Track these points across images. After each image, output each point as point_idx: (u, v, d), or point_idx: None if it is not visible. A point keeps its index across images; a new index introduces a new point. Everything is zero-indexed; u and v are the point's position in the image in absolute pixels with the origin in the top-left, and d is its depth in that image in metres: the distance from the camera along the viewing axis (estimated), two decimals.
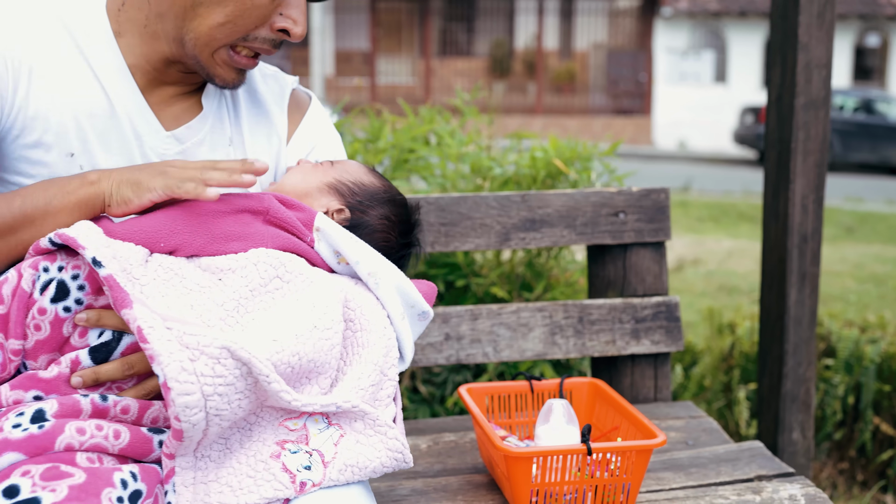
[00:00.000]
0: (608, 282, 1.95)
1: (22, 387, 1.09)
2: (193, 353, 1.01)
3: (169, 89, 1.33)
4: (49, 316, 1.11)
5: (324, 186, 1.32)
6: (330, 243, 1.24)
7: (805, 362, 2.14)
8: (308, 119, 1.47)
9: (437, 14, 22.15)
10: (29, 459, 1.01)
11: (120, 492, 1.00)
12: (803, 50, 2.04)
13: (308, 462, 1.08)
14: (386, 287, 1.24)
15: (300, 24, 1.25)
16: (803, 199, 2.09)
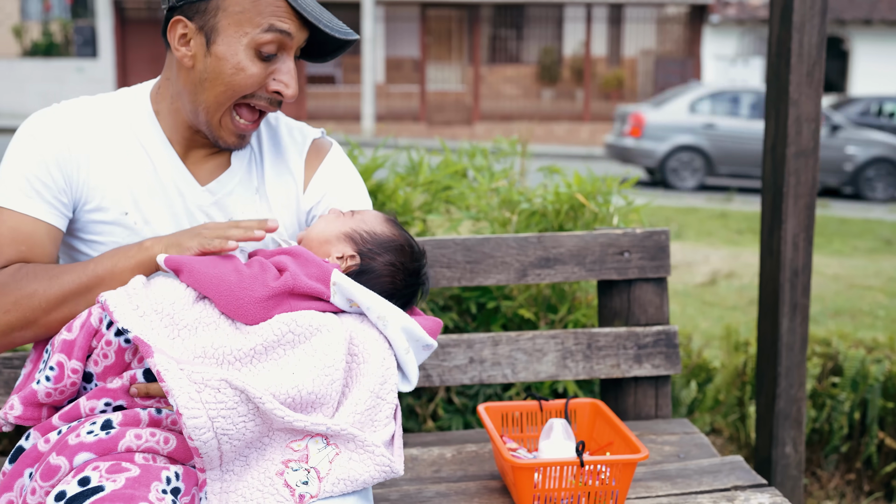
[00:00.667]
0: (615, 312, 2.21)
1: (95, 397, 1.39)
2: (199, 386, 1.28)
3: (201, 151, 1.62)
4: (114, 346, 1.40)
5: (341, 235, 1.56)
6: (344, 294, 1.48)
7: (796, 384, 2.38)
8: (324, 167, 1.70)
9: (486, 22, 22.41)
10: (98, 458, 1.30)
11: (164, 486, 1.29)
12: (794, 105, 2.28)
13: (306, 478, 1.33)
14: (393, 328, 1.49)
15: (291, 86, 1.52)
16: (794, 238, 2.33)
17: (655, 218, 9.18)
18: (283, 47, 1.50)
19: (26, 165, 1.51)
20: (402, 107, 21.64)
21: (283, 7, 1.47)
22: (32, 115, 1.58)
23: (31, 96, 21.12)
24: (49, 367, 1.38)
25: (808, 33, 2.26)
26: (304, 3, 1.48)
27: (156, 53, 21.45)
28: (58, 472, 1.27)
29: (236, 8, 1.46)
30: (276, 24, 1.46)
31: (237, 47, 1.47)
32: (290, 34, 1.48)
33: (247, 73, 1.48)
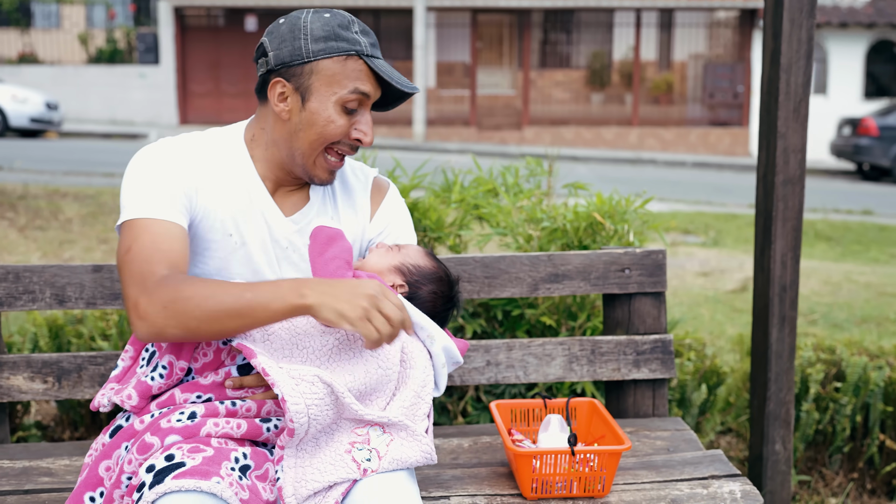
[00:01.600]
0: (617, 322, 2.50)
1: (188, 390, 1.74)
2: (296, 381, 1.62)
3: (286, 188, 1.94)
4: (213, 347, 1.76)
5: (392, 267, 1.91)
6: None
7: (785, 388, 2.65)
8: (386, 202, 2.05)
9: (536, 26, 22.64)
10: (183, 440, 1.64)
11: (233, 464, 1.62)
12: (782, 138, 2.55)
13: (369, 456, 1.67)
14: (437, 345, 1.85)
15: (369, 135, 1.85)
16: (783, 257, 2.59)
17: (694, 224, 9.36)
18: (362, 103, 1.83)
19: (158, 181, 1.77)
20: (453, 111, 21.98)
21: (365, 72, 1.81)
22: (144, 148, 1.85)
23: (95, 101, 21.88)
24: (161, 366, 1.72)
25: (795, 74, 2.52)
26: (382, 68, 1.81)
27: (214, 60, 22.07)
28: (151, 449, 1.62)
29: (328, 72, 1.79)
30: (359, 87, 1.80)
31: (327, 104, 1.80)
32: (368, 94, 1.82)
33: (336, 125, 1.81)
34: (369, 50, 1.82)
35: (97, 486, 1.69)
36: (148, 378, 1.73)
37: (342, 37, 1.79)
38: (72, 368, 2.28)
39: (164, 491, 1.51)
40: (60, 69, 21.97)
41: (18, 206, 8.44)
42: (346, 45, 1.79)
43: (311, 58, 1.78)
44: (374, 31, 1.88)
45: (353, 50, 1.79)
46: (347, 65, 1.79)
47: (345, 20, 1.82)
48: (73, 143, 17.67)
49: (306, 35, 1.79)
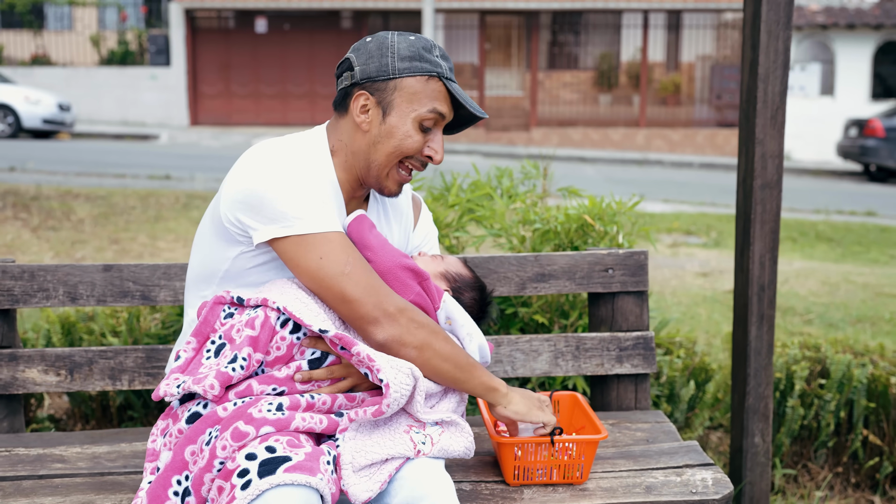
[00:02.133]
0: (601, 320, 2.62)
1: (265, 382, 1.85)
2: (396, 370, 1.81)
3: (356, 200, 2.09)
4: (287, 341, 1.88)
5: (438, 274, 2.12)
6: (447, 313, 2.02)
7: (764, 383, 2.76)
8: (423, 214, 2.26)
9: (544, 28, 22.75)
10: (276, 432, 1.75)
11: (328, 457, 1.76)
12: (759, 144, 2.66)
13: (424, 439, 1.85)
14: (474, 344, 2.03)
15: (440, 153, 1.99)
16: (761, 258, 2.71)
17: (697, 226, 9.47)
18: (437, 123, 1.97)
19: (313, 191, 1.88)
20: None
21: (443, 93, 1.95)
22: (256, 152, 1.92)
23: (107, 102, 22.09)
24: (242, 358, 1.83)
25: (772, 83, 2.64)
26: (459, 92, 1.95)
27: (225, 62, 22.26)
28: (246, 437, 1.72)
29: (410, 90, 1.93)
30: (437, 107, 1.94)
31: (406, 119, 1.93)
32: (444, 115, 1.96)
33: (412, 140, 1.95)
34: (448, 74, 1.96)
35: (183, 469, 1.76)
36: (228, 369, 1.82)
37: (426, 58, 1.93)
38: (83, 362, 2.41)
39: (278, 483, 1.63)
40: (73, 71, 22.19)
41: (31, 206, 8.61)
42: (429, 66, 1.93)
43: (397, 75, 1.92)
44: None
45: (435, 72, 1.93)
46: (429, 85, 1.94)
47: (428, 44, 1.96)
48: (85, 143, 17.87)
49: (393, 53, 1.93)
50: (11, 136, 17.93)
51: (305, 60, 21.94)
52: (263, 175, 1.86)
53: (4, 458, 2.23)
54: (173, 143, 18.80)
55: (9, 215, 8.16)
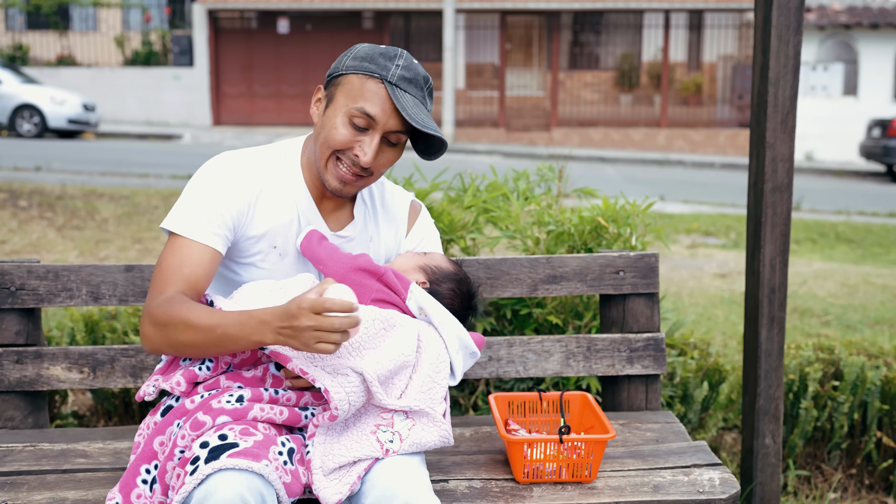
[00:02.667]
0: (612, 321, 2.66)
1: (232, 379, 1.93)
2: (333, 374, 1.82)
3: (330, 202, 2.13)
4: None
5: (416, 267, 2.14)
6: (417, 302, 2.04)
7: (774, 385, 2.79)
8: (420, 220, 2.29)
9: (565, 28, 22.73)
10: (232, 421, 1.81)
11: (281, 448, 1.81)
12: (770, 148, 2.69)
13: (392, 438, 1.87)
14: (447, 331, 2.04)
15: (366, 155, 1.97)
16: (772, 261, 2.74)
17: (716, 226, 9.45)
18: (371, 125, 1.97)
19: (203, 201, 1.98)
20: (482, 112, 22.14)
21: (381, 96, 1.95)
22: (213, 160, 2.05)
23: (131, 103, 22.30)
24: (209, 360, 1.93)
25: (783, 88, 2.67)
26: (400, 98, 1.94)
27: (247, 62, 22.40)
28: (203, 427, 1.79)
29: (348, 86, 1.98)
30: (365, 107, 1.95)
31: (339, 112, 1.98)
32: (373, 117, 1.95)
33: (338, 132, 1.98)
34: (395, 79, 1.96)
35: (152, 459, 1.86)
36: (195, 368, 1.93)
37: (377, 61, 1.97)
38: (105, 360, 2.48)
39: (220, 467, 1.68)
40: (98, 71, 22.42)
41: (56, 206, 8.74)
42: (374, 67, 1.96)
43: (343, 71, 1.99)
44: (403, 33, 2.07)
45: (378, 74, 1.96)
46: (367, 84, 1.96)
47: (391, 53, 1.99)
48: (109, 143, 18.06)
49: (351, 53, 2.01)
50: (37, 136, 18.14)
51: (327, 61, 22.02)
52: (195, 175, 2.05)
53: (29, 453, 2.29)
54: (196, 143, 18.96)
55: (34, 214, 8.29)
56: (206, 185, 2.01)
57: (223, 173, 2.03)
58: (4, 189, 9.26)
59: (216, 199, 1.99)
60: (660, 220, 9.31)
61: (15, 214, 8.18)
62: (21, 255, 6.80)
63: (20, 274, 2.45)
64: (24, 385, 2.45)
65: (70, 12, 23.98)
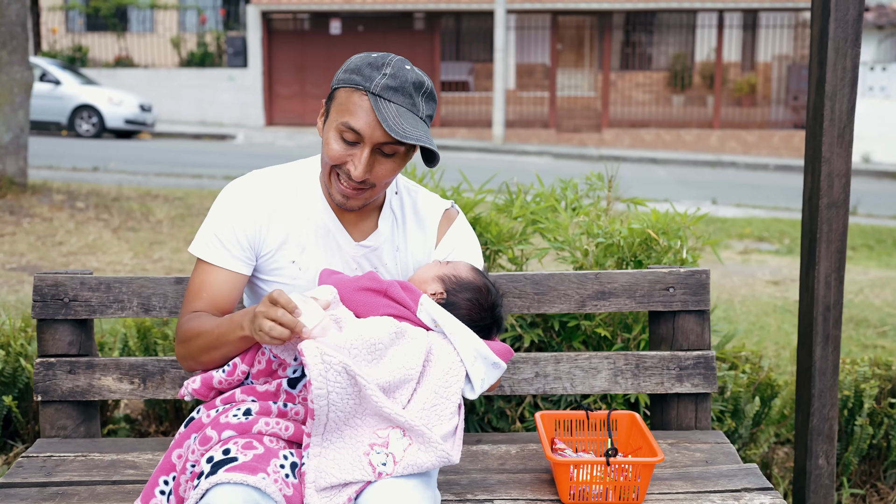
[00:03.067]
0: (661, 338, 2.62)
1: (246, 393, 1.94)
2: (327, 367, 1.79)
3: (352, 213, 2.12)
4: (266, 357, 1.95)
5: (435, 277, 2.09)
6: (428, 313, 2.00)
7: (829, 404, 2.73)
8: (452, 230, 2.22)
9: (617, 28, 22.54)
10: (237, 435, 1.83)
11: (283, 461, 1.81)
12: (826, 163, 2.63)
13: (385, 460, 1.82)
14: (461, 342, 1.97)
15: (357, 168, 1.93)
16: (826, 277, 2.68)
17: (770, 231, 9.30)
18: (358, 139, 1.94)
19: (218, 227, 2.06)
20: (532, 113, 22.05)
21: (366, 109, 1.92)
22: (232, 183, 2.11)
23: (186, 103, 22.62)
24: (227, 365, 1.96)
25: (840, 101, 2.60)
26: (382, 108, 1.90)
27: (299, 63, 22.60)
28: (210, 441, 1.83)
29: (338, 101, 1.96)
30: (349, 122, 1.93)
31: (331, 128, 1.97)
32: (356, 130, 1.92)
33: (331, 148, 1.97)
34: (379, 90, 1.91)
35: (170, 471, 1.91)
36: (213, 371, 1.97)
37: (363, 73, 1.93)
38: (155, 371, 2.51)
39: (217, 481, 1.71)
40: (154, 72, 22.78)
41: (112, 207, 8.90)
42: (358, 79, 1.93)
43: (335, 85, 1.99)
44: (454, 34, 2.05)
45: (361, 85, 1.92)
46: (352, 97, 1.93)
47: (380, 62, 1.95)
48: (164, 143, 18.35)
49: (343, 66, 2.00)
50: (95, 136, 18.49)
51: None
52: (217, 198, 2.11)
53: (80, 463, 2.33)
54: (249, 143, 19.17)
55: (91, 216, 8.45)
56: (222, 210, 2.07)
57: (236, 197, 2.08)
58: (63, 190, 9.46)
59: (231, 224, 2.06)
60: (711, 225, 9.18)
61: (72, 216, 8.35)
62: (77, 256, 6.93)
63: (73, 285, 2.49)
64: (77, 395, 2.49)
65: (128, 14, 24.41)
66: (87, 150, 15.56)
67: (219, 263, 2.05)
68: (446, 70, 22.29)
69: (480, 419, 3.34)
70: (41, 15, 24.11)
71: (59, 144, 16.37)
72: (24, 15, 8.43)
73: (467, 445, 2.47)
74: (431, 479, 1.94)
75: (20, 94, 8.51)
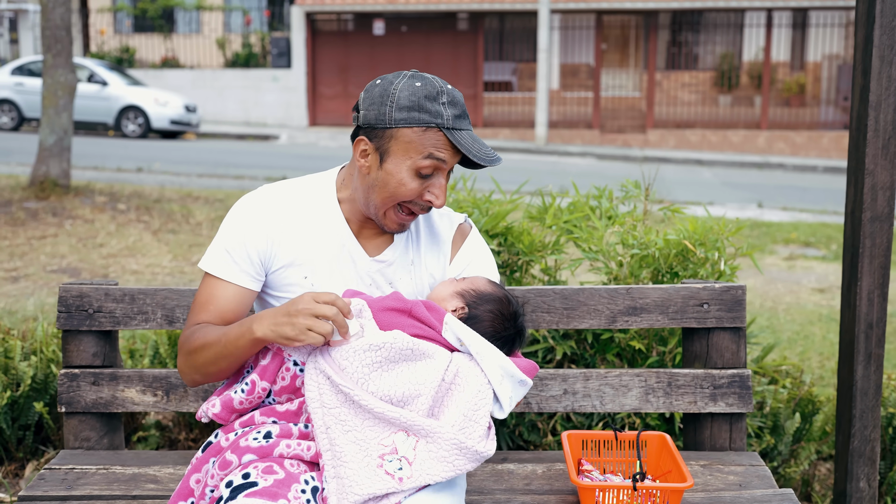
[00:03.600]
0: (695, 355, 2.54)
1: (266, 414, 1.90)
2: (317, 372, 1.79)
3: (370, 231, 2.09)
4: (291, 373, 1.91)
5: (454, 293, 2.04)
6: (453, 332, 1.95)
7: (870, 426, 2.62)
8: (467, 245, 2.18)
9: (663, 28, 22.29)
10: (258, 459, 1.79)
11: (304, 486, 1.77)
12: (870, 175, 2.53)
13: (400, 465, 1.79)
14: (487, 362, 1.92)
15: (440, 198, 1.96)
16: (869, 294, 2.57)
17: (817, 236, 9.09)
18: (438, 169, 1.95)
19: (229, 242, 2.02)
20: (576, 113, 21.89)
21: (443, 142, 1.91)
22: (244, 198, 2.08)
23: (231, 103, 22.82)
24: (245, 383, 1.91)
25: (884, 111, 2.50)
26: (463, 140, 1.91)
27: (343, 64, 22.68)
28: (230, 466, 1.79)
29: (405, 140, 1.92)
30: (434, 154, 1.91)
31: (402, 167, 1.93)
32: (444, 161, 1.93)
33: (407, 188, 1.94)
34: (451, 123, 1.91)
35: (188, 496, 1.88)
36: (232, 391, 1.91)
37: (425, 108, 1.90)
38: (178, 384, 2.49)
39: None
40: (199, 73, 23.01)
41: (154, 209, 8.97)
42: (427, 117, 1.90)
43: (393, 125, 1.91)
44: (498, 34, 1.99)
45: (434, 123, 1.90)
46: (426, 136, 1.91)
47: (433, 91, 1.92)
48: (209, 143, 18.51)
49: (392, 103, 1.92)
50: (141, 137, 18.73)
51: (421, 62, 22.12)
52: (229, 213, 2.08)
53: (102, 476, 2.32)
54: (292, 144, 19.27)
55: (132, 218, 8.53)
56: (233, 225, 2.04)
57: (248, 211, 2.05)
58: (106, 192, 9.57)
59: (241, 238, 2.02)
60: (756, 230, 9.00)
61: (114, 217, 8.44)
62: (117, 258, 6.99)
63: (98, 296, 2.48)
64: (100, 407, 2.48)
65: (174, 15, 24.69)
66: (133, 150, 15.75)
67: (228, 278, 2.01)
68: (489, 70, 22.22)
69: (511, 432, 3.28)
70: (90, 16, 24.48)
71: (106, 145, 16.60)
72: (68, 19, 8.53)
73: (492, 464, 2.41)
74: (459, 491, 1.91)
75: (64, 97, 8.62)
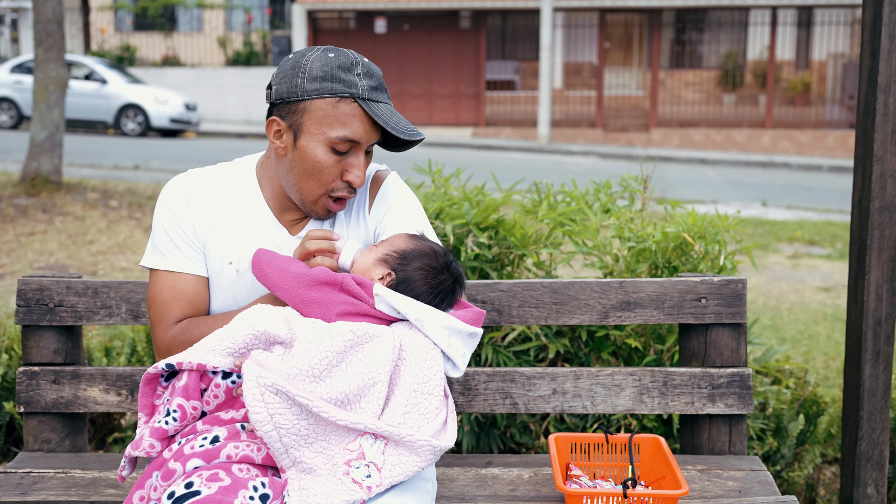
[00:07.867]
0: (693, 353, 2.39)
1: (209, 423, 1.74)
2: (262, 389, 1.60)
3: (291, 212, 1.98)
4: (223, 388, 1.75)
5: (376, 261, 1.87)
6: (386, 303, 1.79)
7: (879, 428, 2.47)
8: (383, 190, 2.03)
9: (667, 26, 22.14)
10: (205, 464, 1.63)
11: (252, 493, 1.61)
12: (878, 162, 2.38)
13: (368, 472, 1.65)
14: (430, 326, 1.78)
15: (360, 177, 1.86)
16: (878, 289, 2.42)
17: (821, 235, 8.93)
18: (354, 144, 1.84)
19: (167, 230, 1.94)
20: (579, 112, 21.73)
21: (358, 115, 1.82)
22: (168, 184, 2.00)
23: (231, 102, 22.70)
24: (173, 410, 1.72)
25: (894, 94, 2.35)
26: (380, 112, 1.81)
27: None
28: (174, 475, 1.63)
29: (319, 113, 1.82)
30: (347, 134, 1.82)
31: (316, 143, 1.83)
32: (358, 141, 1.83)
33: (324, 166, 1.84)
34: (367, 93, 1.82)
35: None
36: (162, 423, 1.72)
37: (339, 78, 1.81)
38: None
39: None
40: (200, 71, 22.89)
41: (146, 206, 8.83)
42: (341, 86, 1.81)
43: (305, 97, 1.81)
44: (500, 32, 1.86)
45: (348, 92, 1.81)
46: (339, 107, 1.81)
47: (347, 61, 1.83)
48: (208, 142, 18.38)
49: (304, 74, 1.82)
50: (141, 135, 18.59)
51: (424, 60, 21.99)
52: (157, 204, 2.01)
53: (59, 481, 2.18)
54: None
55: (124, 215, 8.39)
56: (165, 214, 1.96)
57: (176, 198, 1.96)
58: (99, 189, 9.44)
59: (176, 226, 1.94)
60: (760, 228, 8.84)
61: (105, 214, 8.30)
62: (107, 255, 6.86)
63: (59, 290, 2.34)
64: (61, 407, 2.34)
65: (176, 14, 24.57)
66: (131, 148, 15.63)
67: (181, 269, 1.93)
68: (492, 69, 22.07)
69: (502, 433, 3.14)
70: (90, 14, 24.37)
71: (104, 143, 16.48)
72: (59, 13, 8.39)
73: (476, 469, 2.26)
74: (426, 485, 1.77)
75: (55, 92, 8.48)
